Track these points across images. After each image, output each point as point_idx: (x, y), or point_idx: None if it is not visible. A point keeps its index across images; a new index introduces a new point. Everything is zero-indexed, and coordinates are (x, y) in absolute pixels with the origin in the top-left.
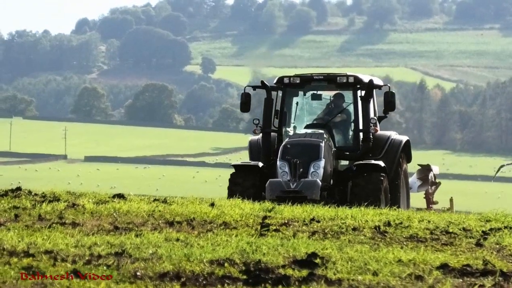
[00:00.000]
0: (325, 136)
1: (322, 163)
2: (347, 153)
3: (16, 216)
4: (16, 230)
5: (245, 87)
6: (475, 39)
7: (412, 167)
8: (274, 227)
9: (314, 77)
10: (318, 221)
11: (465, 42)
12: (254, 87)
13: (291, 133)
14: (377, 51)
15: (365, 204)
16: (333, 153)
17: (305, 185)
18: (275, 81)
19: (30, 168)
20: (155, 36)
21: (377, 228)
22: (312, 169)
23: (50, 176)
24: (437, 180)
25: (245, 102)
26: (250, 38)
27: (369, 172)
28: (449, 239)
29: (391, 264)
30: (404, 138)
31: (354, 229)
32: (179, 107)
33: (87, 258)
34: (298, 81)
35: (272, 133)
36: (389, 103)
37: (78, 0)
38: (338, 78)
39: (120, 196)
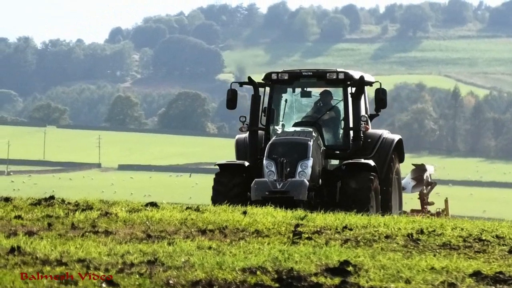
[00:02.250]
0: (313, 134)
1: (310, 162)
2: (337, 152)
3: (49, 224)
4: (49, 239)
5: (231, 83)
6: (509, 46)
7: (405, 167)
8: (307, 235)
9: (303, 73)
10: (351, 229)
11: (498, 49)
12: (241, 84)
13: (279, 131)
14: (410, 59)
15: (355, 205)
16: (322, 152)
17: (292, 185)
18: (262, 77)
19: (64, 177)
20: (188, 44)
21: (410, 236)
22: (299, 169)
23: (84, 184)
24: (433, 181)
25: (232, 99)
26: (283, 46)
27: (358, 171)
28: (482, 247)
29: (424, 272)
30: (396, 137)
31: (386, 237)
32: (212, 115)
33: (119, 266)
34: (286, 77)
35: (259, 131)
36: (381, 100)
37: (112, 9)
38: (328, 74)
39: (153, 204)
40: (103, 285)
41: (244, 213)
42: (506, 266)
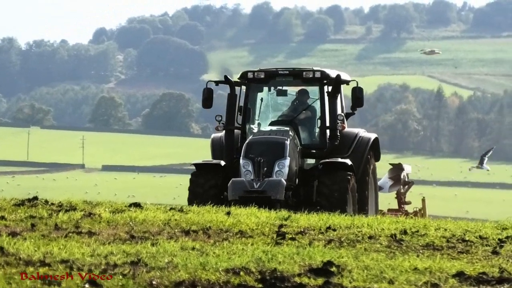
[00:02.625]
0: (290, 133)
1: (287, 161)
2: (313, 151)
3: (33, 225)
4: (32, 240)
5: (207, 82)
6: (493, 47)
7: (383, 167)
8: (290, 236)
9: (279, 72)
10: (334, 230)
11: (482, 50)
12: (217, 82)
13: (255, 130)
14: (394, 60)
15: (331, 204)
16: (299, 151)
17: (269, 185)
18: (238, 76)
19: (47, 178)
20: (172, 45)
21: (393, 236)
22: (276, 168)
23: (68, 185)
24: (410, 180)
25: (207, 98)
26: (267, 46)
27: (335, 170)
28: (465, 247)
29: (407, 272)
30: (372, 136)
31: (370, 237)
32: (197, 116)
33: (103, 267)
34: (262, 76)
35: (235, 130)
36: (357, 99)
37: (96, 9)
38: (304, 73)
39: (137, 205)
40: (86, 285)
41: (228, 213)
42: (490, 267)
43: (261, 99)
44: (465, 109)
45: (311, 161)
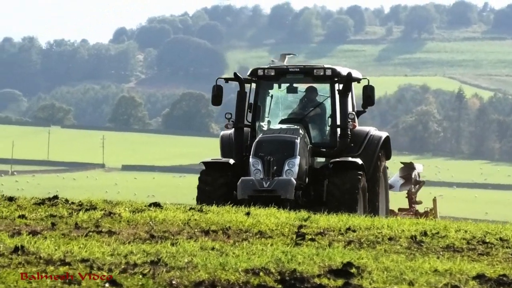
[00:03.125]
0: (300, 132)
1: (297, 160)
2: (324, 150)
3: (53, 224)
4: (52, 239)
5: (217, 79)
6: None
7: (394, 166)
8: (310, 236)
9: (290, 69)
10: (354, 231)
11: (503, 51)
12: (227, 79)
13: (265, 128)
14: (415, 60)
15: (342, 204)
16: (309, 150)
17: (279, 184)
18: (248, 73)
19: (67, 177)
20: (192, 45)
21: (414, 238)
22: (286, 167)
23: (88, 184)
24: (421, 179)
25: (217, 95)
26: (287, 47)
27: (346, 170)
28: (485, 249)
29: (427, 274)
30: (383, 134)
31: (390, 238)
32: (216, 116)
33: (123, 266)
34: (272, 73)
35: (245, 128)
36: (368, 97)
37: (116, 9)
38: (315, 70)
39: (156, 204)
40: (106, 285)
41: (247, 214)
42: (510, 269)
43: (271, 97)
44: (486, 111)
45: (321, 160)
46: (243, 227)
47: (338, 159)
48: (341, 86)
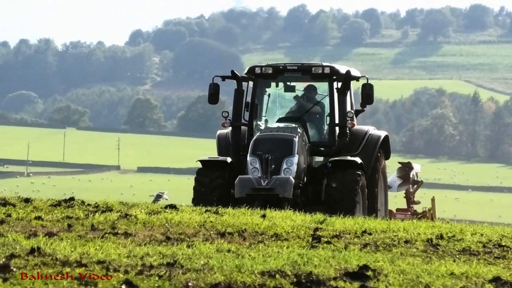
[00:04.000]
0: (299, 130)
1: (295, 159)
2: (322, 148)
3: (69, 226)
4: (69, 240)
5: (214, 77)
6: None
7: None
8: (326, 239)
9: (288, 67)
10: (370, 234)
11: None
12: (224, 77)
13: (262, 127)
14: (431, 64)
15: (340, 203)
16: (307, 148)
17: (278, 182)
18: (246, 71)
19: (83, 179)
20: (208, 47)
21: (430, 241)
22: (284, 166)
23: (103, 186)
24: (419, 179)
25: (214, 94)
26: (303, 50)
27: (345, 169)
28: (501, 253)
29: (443, 277)
30: (382, 134)
31: (406, 241)
32: None
33: (139, 268)
34: (270, 71)
35: (242, 127)
36: (367, 96)
37: (132, 11)
38: (313, 68)
39: (172, 206)
40: (123, 286)
41: (263, 216)
42: None
43: (268, 95)
44: (502, 114)
45: (319, 159)
46: (259, 229)
47: (337, 158)
48: (339, 84)
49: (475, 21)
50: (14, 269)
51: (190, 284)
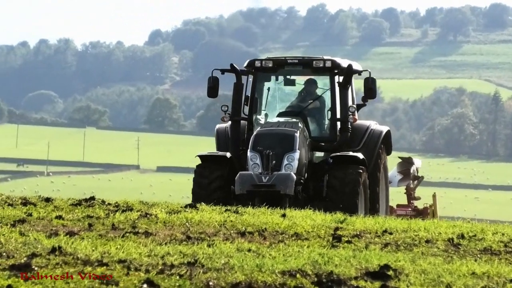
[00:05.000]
0: (300, 125)
1: (296, 155)
2: (323, 144)
3: (90, 225)
4: (89, 239)
5: (213, 70)
6: None
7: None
8: (346, 239)
9: (288, 61)
10: (391, 233)
11: None
12: (223, 71)
13: (262, 121)
14: (451, 63)
15: (342, 199)
16: (308, 144)
17: (279, 178)
18: (245, 64)
19: (103, 178)
20: (227, 47)
21: (451, 241)
22: (285, 162)
23: (123, 186)
24: (420, 174)
25: (213, 87)
26: (322, 49)
27: (346, 165)
28: None
29: (464, 277)
30: (384, 129)
31: (427, 241)
32: None
33: (160, 267)
34: (270, 65)
35: (241, 121)
36: (369, 90)
37: (152, 11)
38: (314, 62)
39: (192, 206)
40: (144, 286)
41: (283, 215)
42: None
43: (269, 89)
44: None
45: (320, 154)
46: (279, 228)
47: (338, 153)
48: (341, 78)
49: (495, 20)
50: (36, 268)
51: (211, 283)
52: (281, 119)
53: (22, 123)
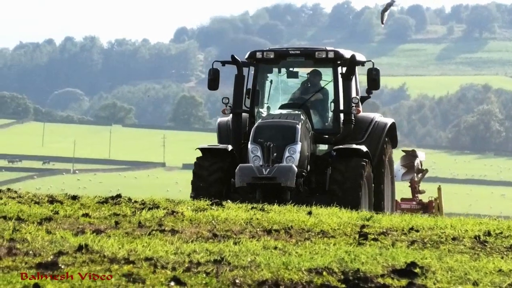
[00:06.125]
0: (302, 117)
1: (298, 147)
2: (326, 136)
3: (117, 223)
4: (116, 237)
5: (213, 62)
6: None
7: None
8: (372, 236)
9: (290, 52)
10: (417, 231)
11: None
12: (224, 63)
13: (264, 114)
14: (476, 60)
15: (345, 192)
16: (311, 136)
17: (280, 171)
18: (246, 56)
19: (129, 176)
20: (252, 44)
21: (477, 238)
22: (287, 154)
23: (149, 183)
24: (424, 168)
25: (213, 79)
26: (348, 46)
27: (350, 157)
28: None
29: (491, 274)
30: (389, 121)
31: (453, 238)
32: None
33: (186, 265)
34: (272, 56)
35: (243, 114)
36: (373, 81)
37: (177, 9)
38: (316, 53)
39: (218, 203)
40: (171, 283)
41: (309, 213)
42: None
43: (270, 81)
44: None
45: (323, 147)
46: (305, 226)
47: (341, 146)
48: (344, 69)
49: None
50: (62, 266)
51: (237, 281)
52: (284, 111)
53: (48, 121)
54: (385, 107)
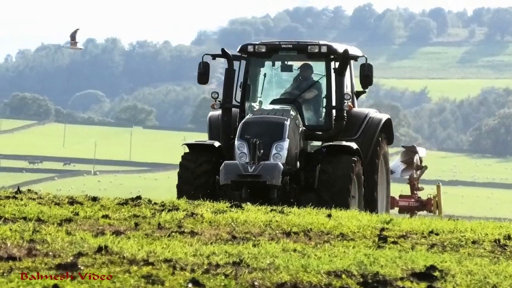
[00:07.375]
0: (291, 113)
1: (286, 144)
2: (318, 133)
3: (136, 224)
4: (136, 239)
5: (203, 55)
6: None
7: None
8: (392, 239)
9: (282, 46)
10: (437, 234)
11: None
12: (214, 56)
13: (256, 109)
14: (498, 63)
15: (333, 191)
16: (301, 132)
17: (265, 168)
18: (238, 49)
19: (149, 177)
20: None
21: (497, 242)
22: (274, 151)
23: (169, 185)
24: (423, 164)
25: (203, 73)
26: (369, 49)
27: (339, 155)
28: None
29: (511, 278)
30: (384, 117)
31: (473, 242)
32: None
33: (205, 267)
34: (264, 50)
35: (234, 109)
36: (366, 77)
37: (198, 11)
38: (309, 47)
39: (238, 206)
40: (190, 285)
41: (329, 216)
42: None
43: (264, 75)
44: None
45: (317, 143)
46: (324, 229)
47: (331, 143)
48: (337, 64)
49: None
50: (82, 268)
51: (256, 283)
52: (276, 107)
53: (69, 123)
54: (406, 110)
